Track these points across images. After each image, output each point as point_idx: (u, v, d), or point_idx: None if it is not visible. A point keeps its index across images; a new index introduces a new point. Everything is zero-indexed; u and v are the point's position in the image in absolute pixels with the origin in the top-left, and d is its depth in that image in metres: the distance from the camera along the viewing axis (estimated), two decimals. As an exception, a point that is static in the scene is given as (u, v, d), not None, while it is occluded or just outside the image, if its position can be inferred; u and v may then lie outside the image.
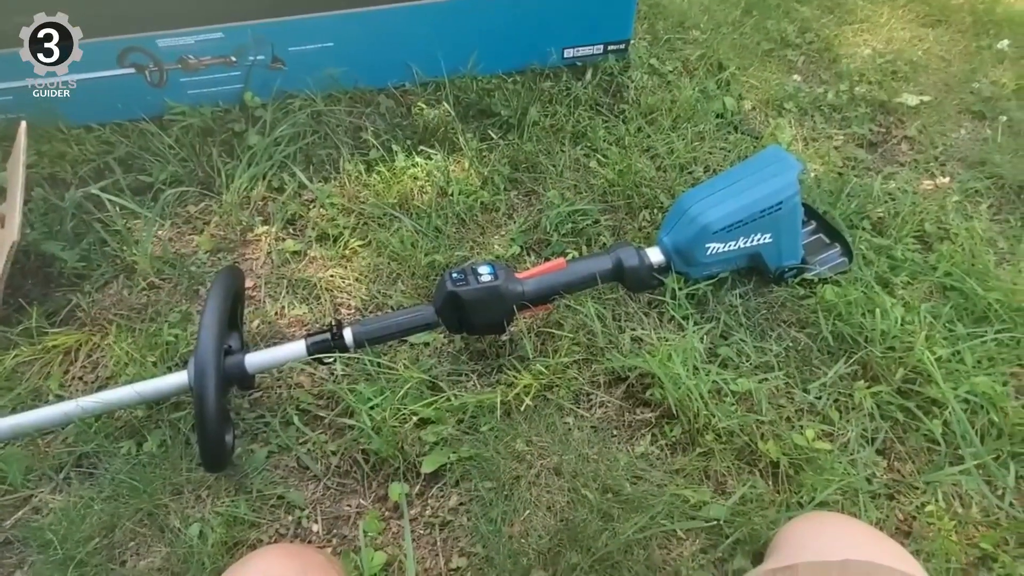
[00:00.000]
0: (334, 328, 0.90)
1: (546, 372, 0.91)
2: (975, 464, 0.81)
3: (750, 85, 1.40)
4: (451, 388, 0.92)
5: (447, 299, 0.89)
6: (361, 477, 0.86)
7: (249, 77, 1.33)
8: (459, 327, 0.94)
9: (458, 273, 0.90)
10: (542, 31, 1.42)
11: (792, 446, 0.83)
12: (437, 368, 0.95)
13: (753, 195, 0.93)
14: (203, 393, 0.76)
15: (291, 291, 1.08)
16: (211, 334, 0.78)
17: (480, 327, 0.95)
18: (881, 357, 0.90)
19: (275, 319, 1.04)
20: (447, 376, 0.95)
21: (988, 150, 1.26)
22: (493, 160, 1.25)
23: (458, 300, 0.88)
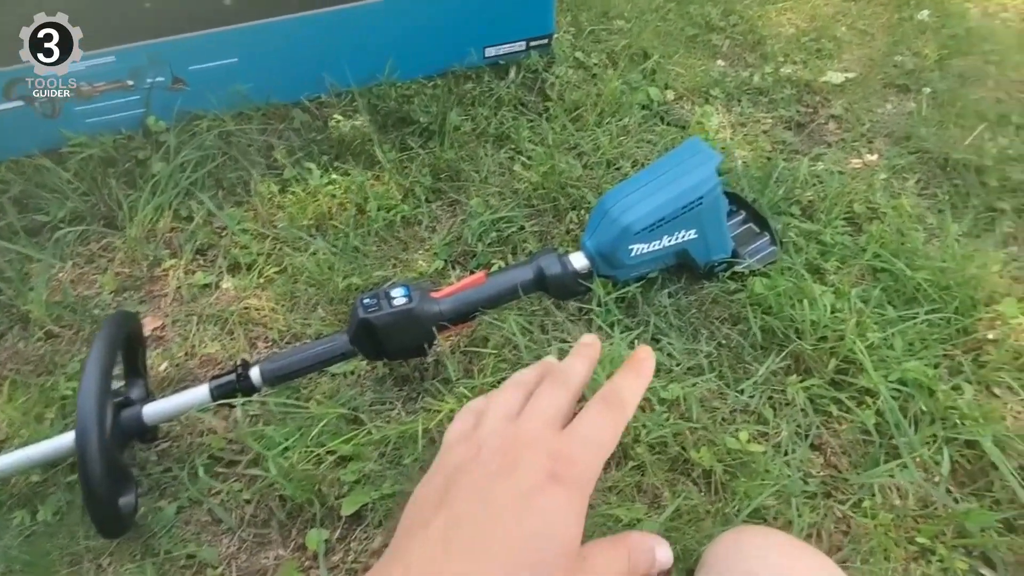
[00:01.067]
0: (239, 368, 0.84)
1: (470, 395, 0.86)
2: (910, 454, 0.79)
3: (676, 73, 1.37)
4: (373, 419, 0.87)
5: (360, 327, 0.84)
6: (278, 526, 0.80)
7: (149, 100, 1.25)
8: (377, 354, 0.89)
9: (370, 298, 0.85)
10: (461, 31, 1.37)
11: (726, 451, 0.80)
12: (358, 399, 0.90)
13: (673, 191, 0.90)
14: (86, 453, 0.70)
15: (202, 327, 1.01)
16: (93, 388, 0.72)
17: (398, 352, 0.90)
18: (812, 349, 0.88)
19: (184, 360, 0.98)
20: (369, 407, 0.90)
21: (913, 124, 1.25)
22: (413, 171, 1.20)
23: (371, 327, 0.83)
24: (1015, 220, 1.09)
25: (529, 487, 0.27)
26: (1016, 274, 1.01)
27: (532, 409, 0.32)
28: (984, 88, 1.33)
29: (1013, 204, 1.10)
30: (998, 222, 1.08)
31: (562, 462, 0.28)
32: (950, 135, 1.22)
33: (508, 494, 0.27)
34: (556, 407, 0.31)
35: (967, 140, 1.19)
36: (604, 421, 0.30)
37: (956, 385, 0.87)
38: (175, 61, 1.23)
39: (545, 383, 0.33)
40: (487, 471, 0.29)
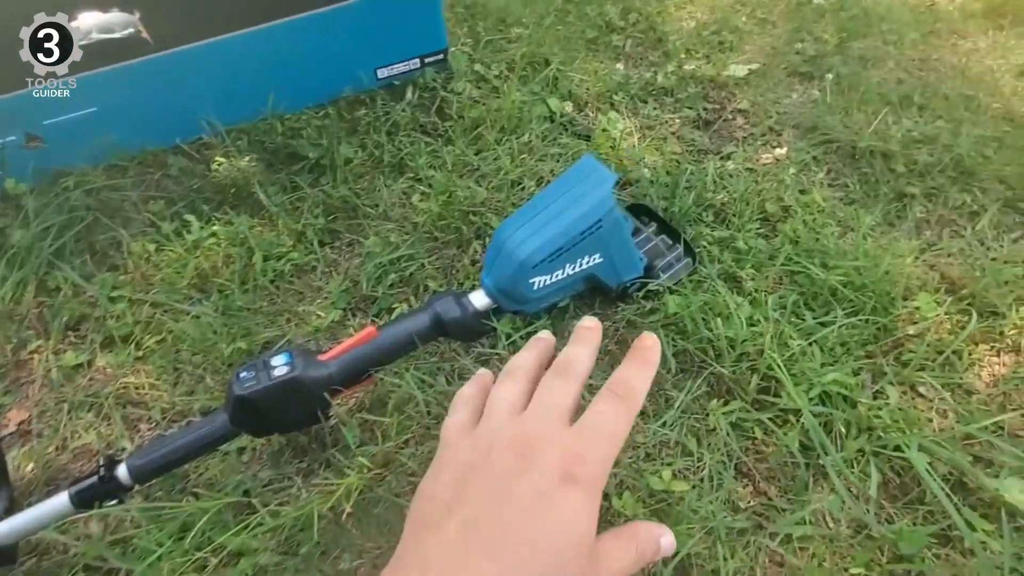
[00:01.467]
0: (102, 467, 0.75)
1: (371, 465, 0.78)
2: (837, 474, 0.74)
3: (578, 80, 1.32)
4: (269, 501, 0.79)
5: (238, 405, 0.75)
6: (162, 644, 0.71)
7: (4, 162, 1.12)
8: (262, 431, 0.81)
9: (247, 371, 0.76)
10: (348, 54, 1.28)
11: (649, 493, 0.75)
12: (250, 481, 0.81)
13: (568, 218, 0.83)
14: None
15: (74, 415, 0.90)
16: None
17: (288, 426, 0.82)
18: (732, 370, 0.83)
19: (55, 456, 0.87)
20: (264, 487, 0.81)
21: (819, 112, 1.22)
22: (305, 212, 1.11)
23: (251, 403, 0.75)
24: (926, 204, 1.07)
25: (545, 487, 0.28)
26: (932, 261, 0.99)
27: (540, 404, 0.32)
28: (885, 69, 1.32)
29: (922, 188, 1.08)
30: (909, 208, 1.06)
31: (576, 461, 0.29)
32: (855, 121, 1.19)
33: (525, 495, 0.28)
34: (564, 401, 0.32)
35: (872, 126, 1.17)
36: (615, 414, 0.31)
37: (880, 390, 0.83)
38: (25, 117, 1.11)
39: (550, 375, 0.34)
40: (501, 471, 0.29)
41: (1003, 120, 1.19)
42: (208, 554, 0.72)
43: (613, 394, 0.33)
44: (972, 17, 1.46)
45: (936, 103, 1.23)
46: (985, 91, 1.24)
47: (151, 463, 0.76)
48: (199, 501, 0.76)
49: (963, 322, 0.88)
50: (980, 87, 1.25)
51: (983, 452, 0.77)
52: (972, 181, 1.08)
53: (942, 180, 1.09)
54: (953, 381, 0.84)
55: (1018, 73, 1.29)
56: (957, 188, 1.08)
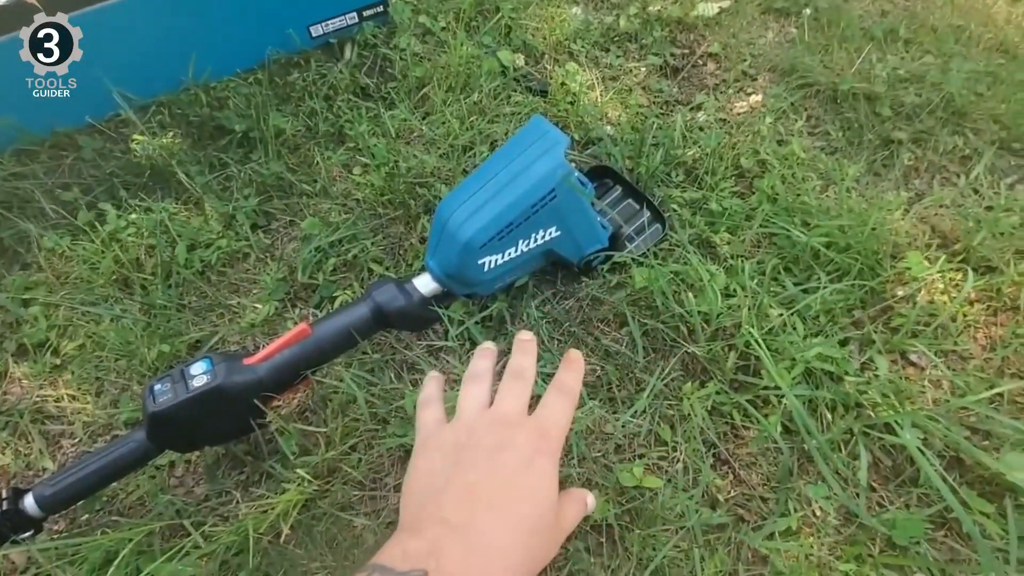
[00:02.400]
0: (4, 502, 0.66)
1: (311, 478, 0.70)
2: (823, 458, 0.68)
3: (532, 28, 1.19)
4: (207, 519, 0.71)
5: (152, 422, 0.66)
6: None
7: None
8: (186, 446, 0.72)
9: (161, 384, 0.67)
10: (277, 11, 1.14)
11: (619, 491, 0.68)
12: (182, 500, 0.73)
13: (516, 191, 0.73)
14: None
15: (-14, 436, 0.81)
16: None
17: (217, 438, 0.73)
18: (707, 350, 0.75)
19: (-35, 483, 0.78)
20: (199, 505, 0.73)
21: (796, 53, 1.12)
22: (235, 193, 1.00)
23: (167, 420, 0.66)
24: (914, 150, 0.98)
25: (524, 457, 0.37)
26: (922, 213, 0.91)
27: (506, 399, 0.41)
28: (867, 1, 1.21)
29: (910, 133, 0.99)
30: (896, 155, 0.97)
31: (542, 438, 0.38)
32: (836, 61, 1.09)
33: (509, 462, 0.37)
34: (522, 397, 0.41)
35: (855, 65, 1.07)
36: (562, 405, 0.41)
37: (868, 360, 0.76)
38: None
39: (508, 379, 0.42)
40: (487, 448, 0.37)
41: (997, 52, 1.09)
42: (133, 589, 0.65)
43: (558, 391, 0.42)
44: (960, -61, 1.34)
45: (923, 36, 1.12)
46: (977, 20, 1.14)
47: (61, 492, 0.67)
48: (119, 532, 0.68)
49: (957, 281, 0.81)
50: (971, 16, 1.15)
51: (981, 424, 0.71)
52: (964, 122, 0.99)
53: (931, 123, 1.00)
54: (947, 347, 0.77)
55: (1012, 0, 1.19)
56: (948, 131, 0.99)
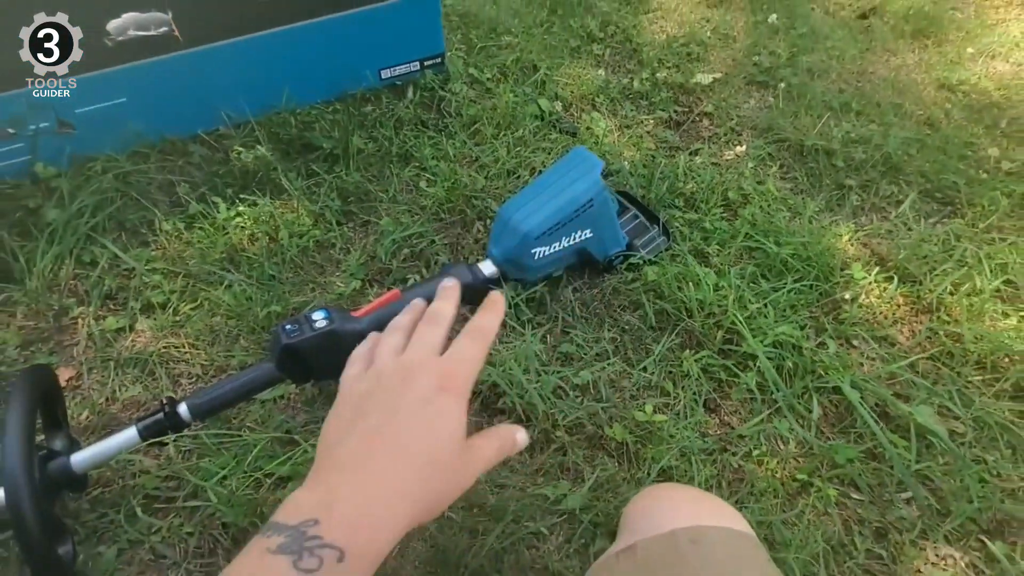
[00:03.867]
0: (166, 406, 0.86)
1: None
2: (787, 405, 0.91)
3: (563, 83, 1.48)
4: (308, 438, 0.91)
5: (284, 352, 0.87)
6: (224, 553, 0.82)
7: (36, 147, 1.21)
8: (304, 377, 0.92)
9: (291, 324, 0.88)
10: (354, 55, 1.41)
11: (635, 424, 0.90)
12: (290, 422, 0.93)
13: (565, 197, 0.98)
14: (17, 508, 0.69)
15: (120, 372, 1.00)
16: (17, 442, 0.72)
17: (325, 373, 0.93)
18: (701, 326, 0.99)
19: (106, 406, 0.97)
20: (302, 427, 0.93)
21: (773, 116, 1.41)
22: (322, 196, 1.23)
23: (296, 352, 0.87)
24: (860, 194, 1.26)
25: (425, 395, 0.35)
26: (864, 239, 1.17)
27: (416, 342, 0.39)
28: (828, 80, 1.52)
29: (858, 180, 1.27)
30: (847, 197, 1.25)
31: (446, 377, 0.36)
32: (803, 124, 1.38)
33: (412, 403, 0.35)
34: (434, 339, 0.39)
35: (817, 128, 1.36)
36: (472, 345, 0.39)
37: (822, 342, 1.00)
38: (59, 105, 1.20)
39: (422, 324, 0.42)
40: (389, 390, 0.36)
41: (925, 125, 1.39)
42: (262, 477, 0.84)
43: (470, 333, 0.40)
44: (902, 37, 1.67)
45: (870, 109, 1.43)
46: (911, 100, 1.45)
47: (208, 402, 0.87)
48: (251, 434, 0.87)
49: (888, 288, 1.06)
50: (907, 96, 1.46)
51: (902, 389, 0.95)
52: (899, 175, 1.28)
53: (874, 174, 1.28)
54: (880, 334, 1.02)
55: (939, 86, 1.50)
56: (886, 181, 1.27)
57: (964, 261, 1.08)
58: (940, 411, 0.93)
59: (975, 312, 1.02)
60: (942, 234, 1.15)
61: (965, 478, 0.84)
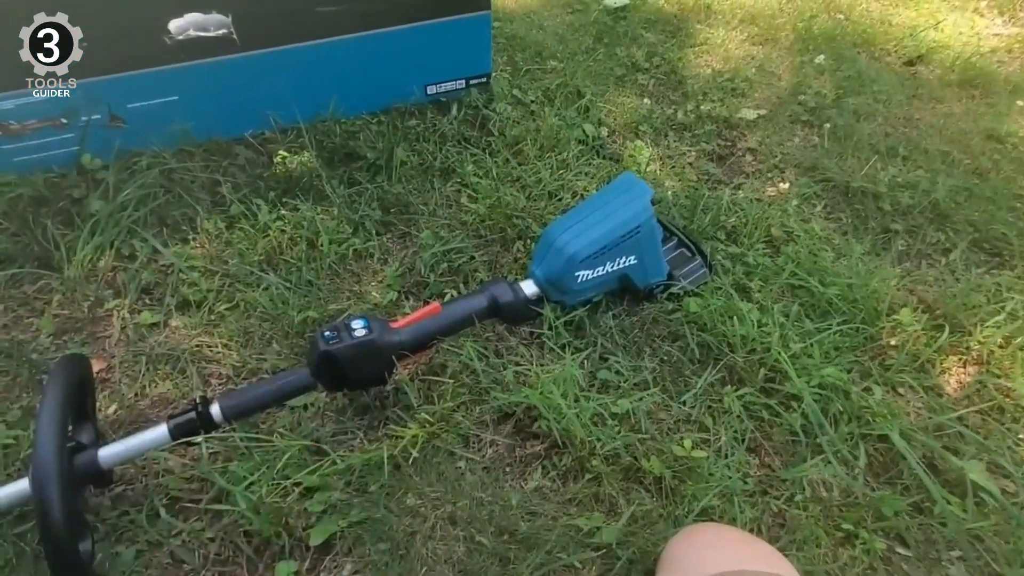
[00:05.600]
0: (199, 405, 0.84)
1: (432, 420, 0.89)
2: (832, 451, 0.88)
3: (607, 110, 1.48)
4: (336, 449, 0.89)
5: (322, 359, 0.86)
6: (245, 562, 0.80)
7: (85, 138, 1.23)
8: (338, 385, 0.91)
9: (330, 331, 0.88)
10: (402, 70, 1.42)
11: (673, 458, 0.87)
12: (320, 431, 0.91)
13: (613, 222, 0.97)
14: (45, 499, 0.68)
15: (152, 368, 1.00)
16: (50, 431, 0.71)
17: (360, 382, 0.92)
18: (744, 361, 0.97)
19: (135, 401, 0.96)
20: (331, 437, 0.91)
21: (818, 155, 1.40)
22: (363, 205, 1.23)
23: (333, 359, 0.86)
24: (907, 239, 1.24)
25: None
26: (910, 286, 1.14)
27: None
28: (875, 123, 1.51)
29: (905, 225, 1.25)
30: (893, 241, 1.23)
31: None
32: (849, 165, 1.37)
33: None
34: None
35: (863, 170, 1.34)
36: None
37: (867, 387, 0.97)
38: (113, 99, 1.21)
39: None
40: None
41: (973, 174, 1.37)
42: (290, 486, 0.82)
43: None
44: (949, 86, 1.66)
45: (917, 155, 1.41)
46: (958, 149, 1.43)
47: (240, 404, 0.86)
48: (281, 440, 0.86)
49: (937, 336, 1.03)
50: (954, 145, 1.44)
51: (951, 442, 0.92)
52: (946, 223, 1.26)
53: (921, 220, 1.26)
54: (927, 384, 0.98)
55: (986, 136, 1.48)
56: (934, 227, 1.25)
57: (1016, 315, 1.05)
58: (990, 468, 0.89)
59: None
60: (991, 285, 1.12)
61: (1020, 540, 0.80)
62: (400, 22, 1.35)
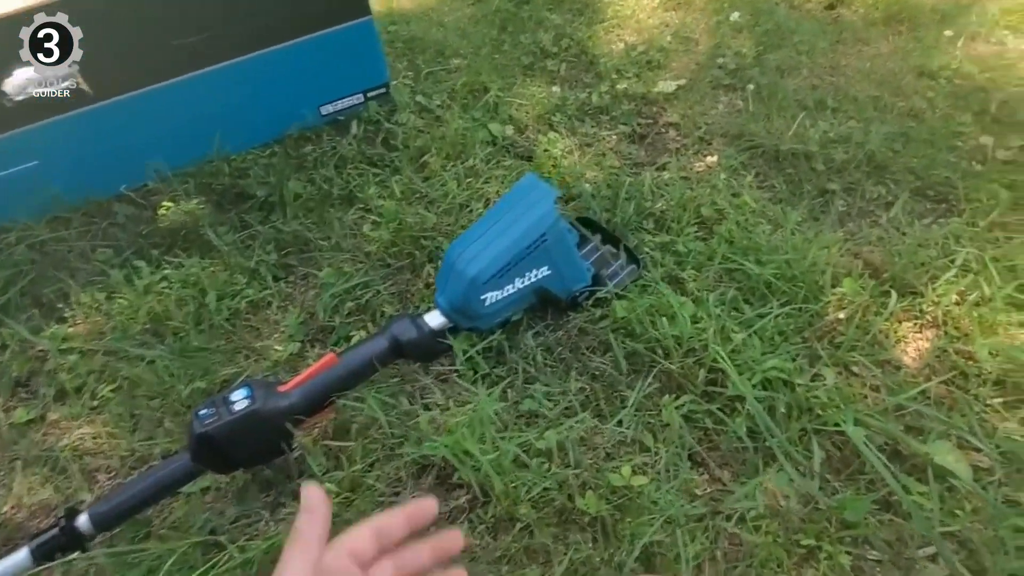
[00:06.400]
0: (62, 520, 0.74)
1: (338, 490, 0.79)
2: (784, 454, 0.79)
3: (517, 104, 1.37)
4: (237, 538, 0.78)
5: (199, 443, 0.75)
6: None
7: (-60, 222, 1.11)
8: (228, 466, 0.81)
9: (206, 408, 0.77)
10: (289, 93, 1.31)
11: (611, 490, 0.78)
12: (217, 519, 0.81)
13: (515, 233, 0.87)
14: None
15: (28, 472, 0.88)
16: None
17: (253, 459, 0.82)
18: (680, 366, 0.87)
19: (12, 515, 0.85)
20: (232, 524, 0.81)
21: (743, 120, 1.30)
22: (256, 249, 1.12)
23: (212, 440, 0.75)
24: (846, 198, 1.15)
25: None
26: (855, 249, 1.06)
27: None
28: (799, 77, 1.42)
29: (841, 183, 1.16)
30: (831, 203, 1.14)
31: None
32: (777, 127, 1.28)
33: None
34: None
35: (792, 129, 1.25)
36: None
37: (817, 372, 0.89)
38: (-38, 174, 1.09)
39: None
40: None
41: (908, 117, 1.29)
42: (178, 596, 0.72)
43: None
44: (873, 25, 1.58)
45: (847, 105, 1.32)
46: (890, 91, 1.34)
47: (113, 510, 0.75)
48: (164, 543, 0.75)
49: (887, 303, 0.95)
50: (885, 88, 1.36)
51: (913, 421, 0.83)
52: (885, 174, 1.17)
53: (858, 175, 1.17)
54: (882, 358, 0.90)
55: (918, 74, 1.40)
56: (872, 181, 1.16)
57: (968, 267, 0.97)
58: (960, 444, 0.81)
59: (986, 324, 0.90)
60: (939, 237, 1.04)
61: (1000, 527, 0.71)
62: (274, 43, 1.24)
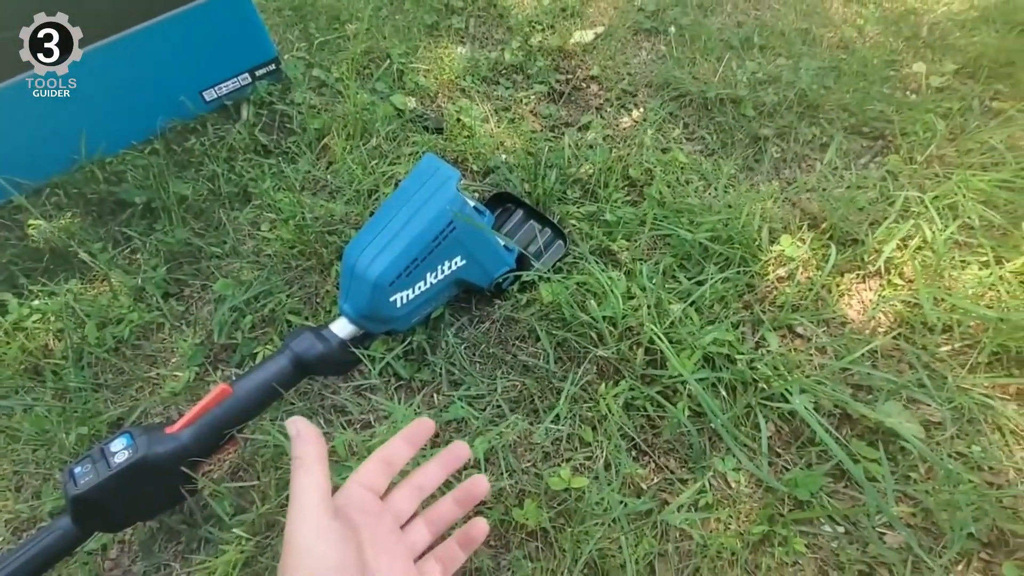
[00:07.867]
0: (-79, 619, 0.63)
1: (249, 535, 0.71)
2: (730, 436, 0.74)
3: (422, 70, 1.25)
4: (144, 600, 0.70)
5: (76, 506, 0.65)
6: None
7: None
8: (119, 523, 0.71)
9: (81, 466, 0.67)
10: (162, 80, 1.15)
11: (550, 496, 0.72)
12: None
13: (417, 227, 0.77)
14: None
15: None
16: None
17: (148, 512, 0.72)
18: (615, 349, 0.81)
19: None
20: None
21: (668, 67, 1.21)
22: (142, 265, 0.99)
23: (90, 502, 0.65)
24: (779, 144, 1.09)
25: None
26: (792, 198, 1.00)
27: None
28: (723, 15, 1.33)
29: (775, 128, 1.10)
30: (765, 150, 1.07)
31: None
32: (703, 71, 1.19)
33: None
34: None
35: (718, 73, 1.17)
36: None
37: (761, 337, 0.83)
38: None
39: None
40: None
41: (838, 48, 1.22)
42: None
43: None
44: (797, -50, 1.49)
45: (774, 41, 1.25)
46: (818, 22, 1.27)
47: (-14, 596, 0.65)
48: (52, 626, 0.66)
49: (828, 255, 0.89)
50: (812, 19, 1.28)
51: (862, 380, 0.79)
52: (818, 114, 1.11)
53: (791, 117, 1.10)
54: (826, 316, 0.85)
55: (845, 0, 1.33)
56: (805, 123, 1.10)
57: (908, 209, 0.92)
58: (911, 401, 0.77)
59: (931, 269, 0.86)
60: (877, 177, 0.98)
61: (956, 491, 0.68)
62: (135, 22, 1.07)
